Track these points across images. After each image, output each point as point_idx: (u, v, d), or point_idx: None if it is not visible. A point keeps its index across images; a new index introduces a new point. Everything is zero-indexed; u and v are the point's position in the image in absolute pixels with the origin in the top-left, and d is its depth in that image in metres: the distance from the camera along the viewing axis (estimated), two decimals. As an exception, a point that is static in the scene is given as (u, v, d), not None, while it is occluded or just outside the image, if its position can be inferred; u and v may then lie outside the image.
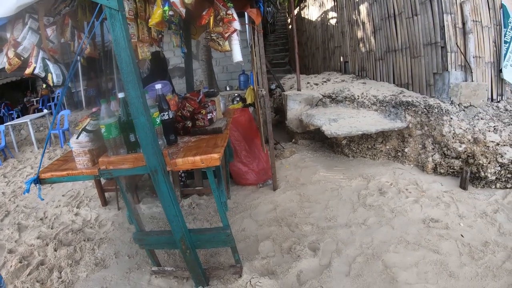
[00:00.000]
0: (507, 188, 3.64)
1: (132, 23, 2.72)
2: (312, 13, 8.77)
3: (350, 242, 2.94)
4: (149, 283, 2.67)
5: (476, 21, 4.30)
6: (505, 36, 4.48)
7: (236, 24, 2.91)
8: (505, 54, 4.45)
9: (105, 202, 4.04)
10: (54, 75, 2.68)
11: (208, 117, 2.71)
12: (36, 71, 2.69)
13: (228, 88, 9.42)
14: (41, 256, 3.12)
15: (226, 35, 2.84)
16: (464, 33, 4.22)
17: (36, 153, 6.98)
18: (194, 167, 2.20)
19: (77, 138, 2.23)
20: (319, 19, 8.13)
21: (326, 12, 7.65)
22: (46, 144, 2.55)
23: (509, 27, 4.49)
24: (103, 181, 4.12)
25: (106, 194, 4.13)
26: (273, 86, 7.21)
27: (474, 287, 2.38)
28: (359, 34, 5.84)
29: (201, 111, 2.69)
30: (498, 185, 3.67)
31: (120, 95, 2.20)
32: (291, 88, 6.56)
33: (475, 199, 3.49)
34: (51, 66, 2.71)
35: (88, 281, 2.76)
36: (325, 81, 6.27)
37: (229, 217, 3.55)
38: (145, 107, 2.01)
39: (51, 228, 3.64)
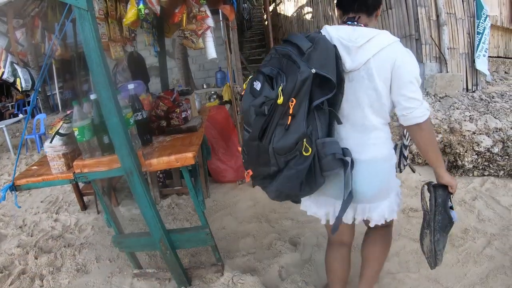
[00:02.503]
0: (484, 175, 3.72)
1: (102, 22, 2.67)
2: (287, 8, 8.81)
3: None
4: (131, 286, 2.63)
5: (450, 13, 4.38)
6: (478, 27, 4.57)
7: (210, 21, 2.90)
8: (478, 45, 4.54)
9: (84, 206, 3.97)
10: (23, 80, 2.63)
11: (183, 116, 2.69)
12: (4, 76, 2.63)
13: (205, 86, 9.38)
14: (22, 265, 3.04)
15: (200, 32, 2.82)
16: (438, 25, 4.29)
17: (13, 159, 6.80)
18: (169, 167, 2.18)
19: (50, 142, 2.18)
20: (295, 14, 8.17)
21: (301, 8, 7.68)
22: (19, 150, 2.49)
23: (482, 18, 4.58)
24: (81, 185, 4.05)
25: (85, 198, 4.05)
26: (250, 83, 7.19)
27: (455, 273, 2.43)
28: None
29: (175, 110, 2.66)
30: (475, 173, 3.75)
31: (92, 96, 2.16)
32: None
33: (453, 188, 3.55)
34: (19, 70, 2.66)
35: (71, 287, 2.71)
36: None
37: (208, 215, 3.53)
38: (117, 108, 1.97)
39: (31, 236, 3.56)
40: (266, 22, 11.41)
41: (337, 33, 1.51)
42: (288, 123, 1.36)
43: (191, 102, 3.02)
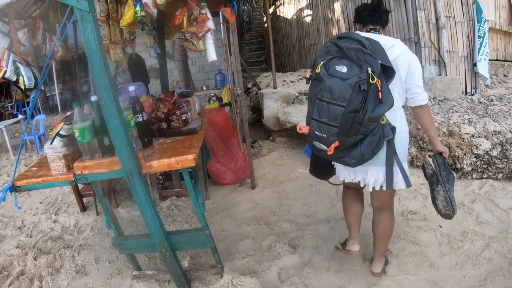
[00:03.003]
0: (483, 178, 3.73)
1: (103, 24, 2.68)
2: (287, 11, 8.82)
3: (330, 238, 2.97)
4: (130, 288, 2.64)
5: (449, 16, 4.39)
6: (478, 31, 4.58)
7: (210, 24, 2.90)
8: (479, 49, 4.56)
9: (83, 208, 3.97)
10: (26, 78, 2.62)
11: (183, 118, 2.69)
12: (7, 75, 2.62)
13: (204, 88, 9.38)
14: (21, 266, 3.04)
15: (200, 34, 2.82)
16: (438, 29, 4.31)
17: (12, 160, 6.80)
18: (169, 169, 2.18)
19: (51, 143, 2.18)
20: (295, 17, 8.19)
21: (301, 10, 7.70)
22: (20, 150, 2.49)
23: (482, 22, 4.59)
24: (80, 186, 4.05)
25: (84, 199, 4.06)
26: (249, 85, 7.21)
27: (454, 276, 2.43)
28: (334, 31, 5.89)
29: (176, 112, 2.66)
30: (474, 175, 3.76)
31: (93, 98, 2.16)
32: (267, 86, 6.57)
33: (452, 190, 3.56)
34: (22, 69, 2.66)
35: (69, 289, 2.72)
36: (301, 79, 6.31)
37: (208, 217, 3.54)
38: (118, 110, 1.98)
39: (30, 237, 3.56)
40: (266, 25, 11.44)
41: (373, 37, 1.94)
42: (380, 97, 1.73)
43: (191, 104, 3.02)
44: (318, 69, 1.82)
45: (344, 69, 1.74)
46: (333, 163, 2.37)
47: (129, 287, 2.64)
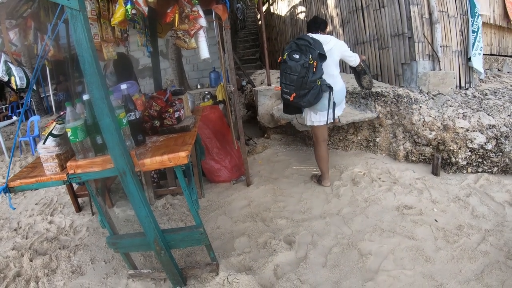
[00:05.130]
0: (478, 172, 3.74)
1: (94, 23, 2.66)
2: (281, 8, 8.81)
3: (325, 233, 2.97)
4: (126, 287, 2.63)
5: (442, 11, 4.38)
6: (472, 25, 4.58)
7: (202, 21, 2.89)
8: (473, 43, 4.55)
9: (78, 208, 3.95)
10: (17, 78, 2.61)
11: (176, 116, 2.68)
12: (-2, 76, 2.62)
13: (199, 86, 9.34)
14: (17, 267, 3.03)
15: (192, 32, 2.81)
16: (431, 23, 4.30)
17: (7, 162, 6.75)
18: (162, 167, 2.17)
19: (44, 143, 2.17)
20: (288, 14, 8.18)
21: (295, 7, 7.69)
22: (13, 151, 2.48)
23: (476, 16, 4.59)
24: (75, 186, 4.03)
25: (80, 200, 4.04)
26: (244, 83, 7.20)
27: (450, 270, 2.44)
28: (328, 27, 5.88)
29: (168, 110, 2.65)
30: (469, 169, 3.77)
31: (85, 97, 2.15)
32: (261, 83, 6.56)
33: (447, 184, 3.57)
34: (14, 69, 2.64)
35: (66, 289, 2.71)
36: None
37: (203, 215, 3.54)
38: (110, 108, 1.97)
39: (26, 238, 3.54)
40: (259, 22, 11.43)
41: (316, 37, 3.35)
42: (314, 70, 3.13)
43: (184, 102, 3.01)
44: (284, 56, 3.26)
45: (297, 56, 3.17)
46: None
47: (125, 286, 2.63)
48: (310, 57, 3.08)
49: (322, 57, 3.18)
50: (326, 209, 3.37)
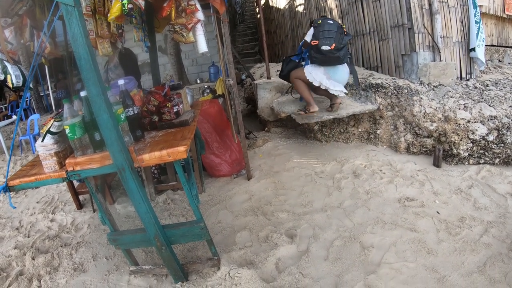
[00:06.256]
0: (480, 163, 3.72)
1: (89, 19, 2.64)
2: (280, 1, 8.76)
3: (327, 226, 2.96)
4: (128, 284, 2.63)
5: (442, 1, 4.35)
6: (475, 16, 4.54)
7: (200, 15, 2.87)
8: (477, 34, 4.51)
9: (80, 205, 3.95)
10: (13, 76, 2.59)
11: (175, 110, 2.66)
12: (-6, 74, 2.60)
13: (198, 81, 9.32)
14: (20, 266, 3.03)
15: (190, 26, 2.79)
16: (431, 14, 4.27)
17: (8, 161, 6.77)
18: (161, 162, 2.16)
19: (42, 141, 2.15)
20: (287, 6, 8.13)
21: (293, 0, 7.65)
22: (11, 150, 2.47)
23: (478, 7, 4.56)
24: (76, 184, 4.03)
25: (81, 197, 4.04)
26: (243, 77, 7.17)
27: (453, 262, 2.43)
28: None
29: (167, 105, 2.63)
30: (471, 161, 3.75)
31: (82, 93, 2.14)
32: (261, 77, 6.52)
33: (449, 176, 3.55)
34: (9, 67, 2.62)
35: (68, 287, 2.70)
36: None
37: (204, 209, 3.53)
38: (107, 104, 1.96)
39: (28, 237, 3.54)
40: (258, 16, 11.36)
41: None
42: (346, 33, 3.80)
43: (183, 96, 2.99)
44: (319, 21, 3.80)
45: (331, 22, 3.76)
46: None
47: (127, 282, 2.63)
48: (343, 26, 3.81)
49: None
50: (328, 202, 3.36)
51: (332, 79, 3.89)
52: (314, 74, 3.95)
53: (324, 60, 3.85)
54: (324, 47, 3.70)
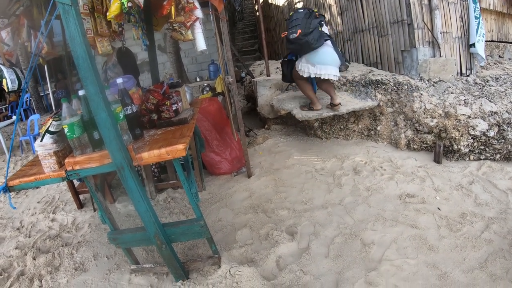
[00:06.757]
0: (480, 159, 3.71)
1: (87, 17, 2.63)
2: (278, -2, 8.74)
3: (327, 223, 2.95)
4: (129, 282, 2.63)
5: (441, -3, 4.33)
6: (475, 11, 4.52)
7: (198, 13, 2.86)
8: (477, 29, 4.49)
9: (80, 205, 3.95)
10: (9, 81, 2.59)
11: (173, 108, 2.66)
12: (-12, 78, 2.60)
13: (198, 79, 9.32)
14: (21, 266, 3.03)
15: (188, 24, 2.78)
16: (431, 10, 4.25)
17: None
18: (160, 160, 2.16)
19: (41, 140, 2.15)
20: (286, 4, 8.10)
21: (292, -4, 7.63)
22: (10, 150, 2.46)
23: (477, 2, 4.54)
24: (76, 183, 4.02)
25: (81, 196, 4.03)
26: (243, 74, 7.15)
27: (454, 258, 2.42)
28: (326, 16, 5.82)
29: (166, 103, 2.63)
30: (472, 157, 3.74)
31: (81, 92, 2.13)
32: (260, 74, 6.51)
33: (450, 172, 3.54)
34: (5, 71, 2.62)
35: (69, 286, 2.70)
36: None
37: (205, 207, 3.53)
38: (105, 103, 1.95)
39: (29, 237, 3.54)
40: (257, 13, 11.32)
41: None
42: (317, 15, 3.86)
43: (182, 95, 2.98)
44: (290, 13, 3.93)
45: (301, 10, 3.86)
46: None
47: (128, 281, 2.63)
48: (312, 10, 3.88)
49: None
50: (328, 199, 3.35)
51: (317, 64, 3.91)
52: (301, 66, 4.03)
53: (298, 49, 3.95)
54: (291, 36, 3.81)
